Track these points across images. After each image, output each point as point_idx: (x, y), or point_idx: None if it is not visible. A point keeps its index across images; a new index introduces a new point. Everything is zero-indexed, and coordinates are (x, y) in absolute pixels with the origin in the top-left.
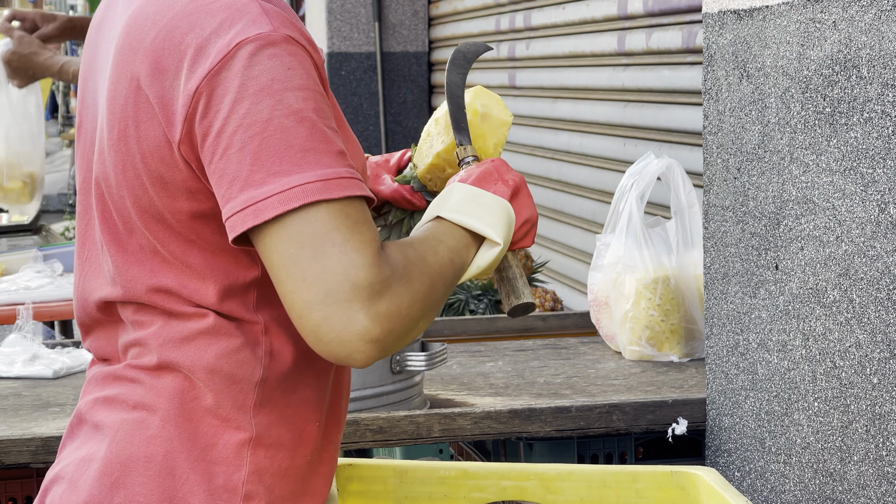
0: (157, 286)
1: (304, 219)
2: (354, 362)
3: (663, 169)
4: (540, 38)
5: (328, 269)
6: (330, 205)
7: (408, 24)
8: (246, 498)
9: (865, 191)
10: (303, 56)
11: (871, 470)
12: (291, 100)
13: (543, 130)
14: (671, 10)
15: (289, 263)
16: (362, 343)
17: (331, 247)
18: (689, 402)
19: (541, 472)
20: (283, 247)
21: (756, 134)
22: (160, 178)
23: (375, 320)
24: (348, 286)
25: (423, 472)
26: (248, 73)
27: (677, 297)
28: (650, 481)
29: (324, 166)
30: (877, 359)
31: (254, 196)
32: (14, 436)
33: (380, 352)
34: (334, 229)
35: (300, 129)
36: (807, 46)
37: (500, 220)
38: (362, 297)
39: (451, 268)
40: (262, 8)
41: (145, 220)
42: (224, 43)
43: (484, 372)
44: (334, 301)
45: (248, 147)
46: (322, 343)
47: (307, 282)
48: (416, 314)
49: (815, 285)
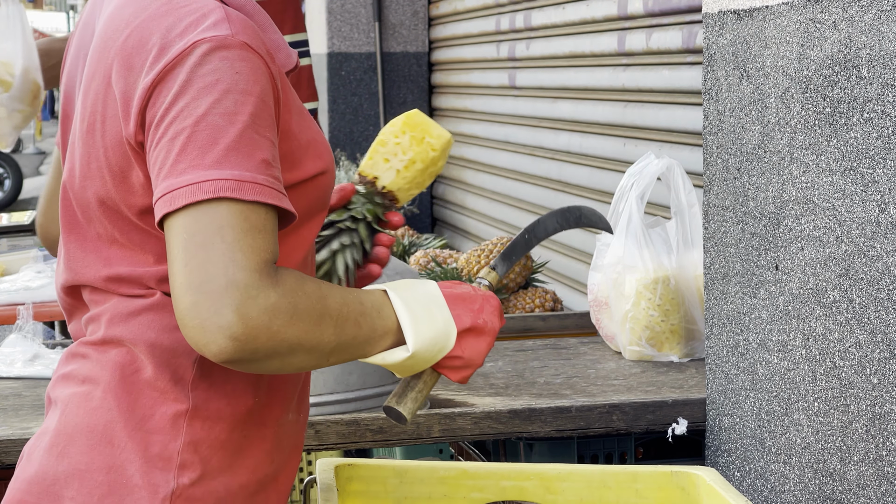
0: (111, 274)
1: (206, 211)
2: (209, 353)
3: (663, 169)
4: (540, 38)
5: (211, 260)
6: (234, 204)
7: (408, 24)
8: (181, 466)
9: (865, 191)
10: (256, 64)
11: (870, 470)
12: (230, 102)
13: (543, 130)
14: (671, 10)
15: (179, 247)
16: (221, 336)
17: (220, 242)
18: (689, 402)
19: (540, 472)
20: (181, 232)
21: (756, 134)
22: (120, 173)
23: (242, 320)
24: (224, 281)
25: (423, 473)
26: (197, 70)
27: (677, 297)
28: (650, 481)
29: (242, 169)
30: (877, 359)
31: (171, 184)
32: (14, 436)
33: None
34: (229, 227)
35: (230, 130)
36: (807, 46)
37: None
38: (235, 294)
39: (354, 328)
40: (227, 14)
41: (104, 210)
42: (183, 42)
43: (484, 372)
44: (207, 290)
45: (179, 138)
46: (185, 328)
47: (188, 267)
48: (289, 338)
49: (815, 285)
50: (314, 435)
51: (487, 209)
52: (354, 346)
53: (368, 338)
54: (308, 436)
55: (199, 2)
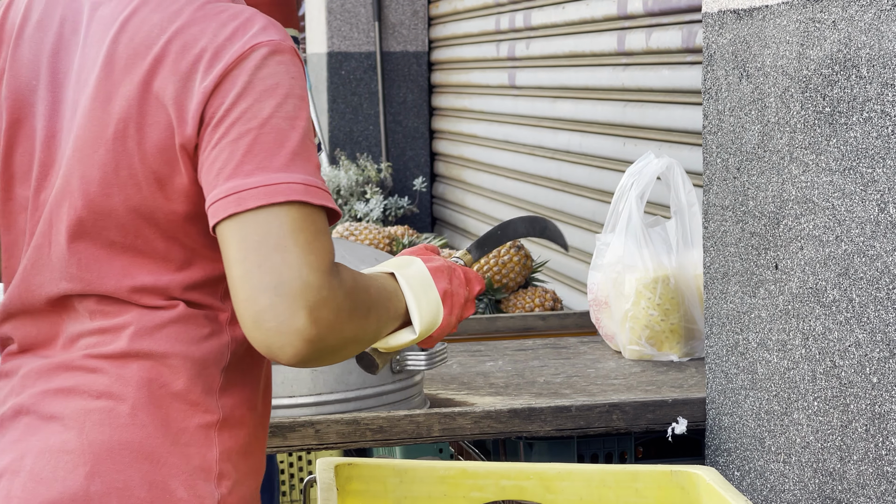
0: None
1: (277, 214)
2: (283, 356)
3: (663, 168)
4: (540, 37)
5: (286, 262)
6: (304, 208)
7: (408, 23)
8: (220, 476)
9: (865, 190)
10: (301, 70)
11: (870, 469)
12: (290, 106)
13: (543, 130)
14: (671, 9)
15: (249, 249)
16: (298, 339)
17: (293, 244)
18: (689, 401)
19: (540, 472)
20: (249, 234)
21: (756, 133)
22: (159, 180)
23: (315, 322)
24: (300, 283)
25: (423, 472)
26: (258, 73)
27: (677, 296)
28: (650, 481)
29: (307, 173)
30: (876, 358)
31: (240, 185)
32: None
33: (310, 354)
34: (300, 231)
35: (293, 134)
36: (806, 46)
37: (427, 319)
38: (309, 296)
39: (386, 313)
40: (269, 20)
41: (132, 218)
42: (239, 45)
43: (484, 371)
44: (284, 292)
45: (244, 139)
46: (260, 329)
47: (262, 268)
48: (349, 334)
49: (814, 285)
50: (314, 434)
51: (487, 208)
52: (385, 327)
53: (389, 322)
54: (308, 435)
55: (236, 7)
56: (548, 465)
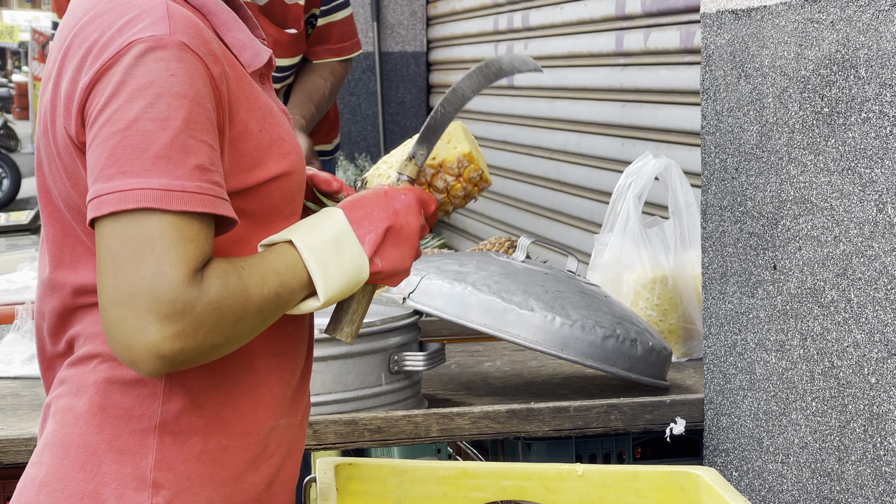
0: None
1: (134, 221)
2: (139, 370)
3: (661, 169)
4: (538, 37)
5: (139, 273)
6: (163, 215)
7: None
8: (154, 485)
9: (863, 191)
10: (193, 65)
11: (868, 469)
12: (163, 105)
13: (541, 130)
14: (669, 10)
15: (108, 257)
16: (148, 355)
17: (149, 253)
18: (687, 401)
19: (541, 472)
20: (109, 241)
21: (754, 134)
22: (71, 173)
23: (166, 338)
24: (150, 296)
25: (423, 472)
26: (131, 71)
27: (675, 296)
28: (650, 481)
29: (172, 177)
30: (875, 358)
31: (99, 189)
32: (12, 436)
33: (166, 367)
34: (158, 238)
35: (161, 136)
36: (805, 46)
37: (340, 281)
38: (160, 311)
39: (276, 301)
40: (168, 11)
41: (67, 210)
42: (120, 41)
43: (482, 372)
44: (133, 305)
45: (109, 142)
46: (112, 342)
47: (116, 279)
48: (215, 340)
49: (813, 285)
50: (312, 435)
51: (485, 208)
52: (275, 314)
53: (287, 301)
54: (306, 435)
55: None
56: (548, 466)
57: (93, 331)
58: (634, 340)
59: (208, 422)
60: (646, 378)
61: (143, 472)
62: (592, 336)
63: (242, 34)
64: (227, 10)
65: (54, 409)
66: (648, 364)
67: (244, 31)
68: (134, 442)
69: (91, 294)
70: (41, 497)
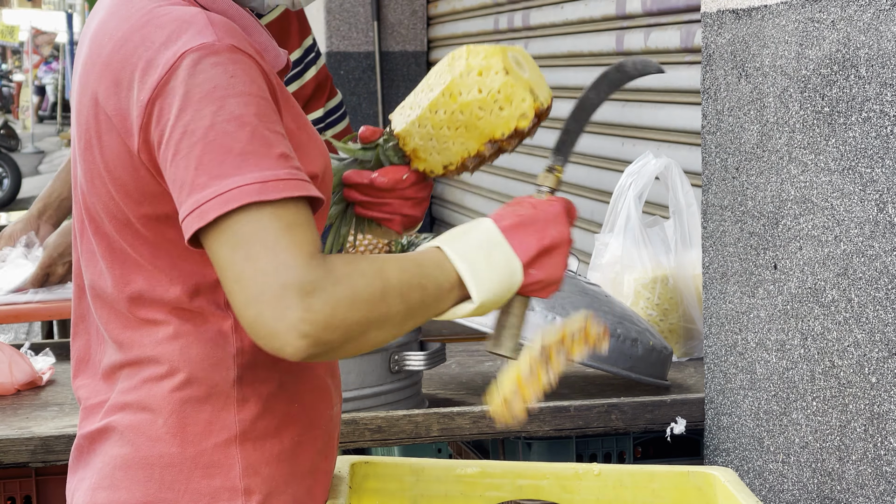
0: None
1: (239, 221)
2: (287, 354)
3: (661, 168)
4: (538, 37)
5: (259, 269)
6: (264, 207)
7: (406, 23)
8: (246, 492)
9: (864, 190)
10: (247, 64)
11: (869, 469)
12: (233, 105)
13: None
14: (669, 9)
15: (226, 265)
16: (291, 336)
17: (261, 248)
18: (688, 401)
19: (557, 471)
20: (221, 248)
21: (754, 133)
22: (124, 186)
23: (305, 317)
24: (278, 286)
25: (440, 471)
26: (192, 81)
27: (675, 296)
28: (666, 481)
29: (262, 168)
30: (875, 358)
31: (198, 199)
32: (13, 435)
33: (312, 347)
34: (265, 230)
35: (241, 134)
36: (805, 46)
37: (493, 283)
38: (292, 294)
39: (420, 291)
40: (209, 19)
41: (115, 225)
42: (170, 54)
43: (483, 371)
44: (265, 299)
45: (193, 153)
46: (258, 338)
47: (241, 283)
48: (358, 319)
49: (813, 285)
50: None
51: (486, 208)
52: (424, 308)
53: (437, 297)
54: None
55: (179, 9)
56: (565, 465)
57: (156, 351)
58: (635, 340)
59: (280, 422)
60: (646, 378)
61: (233, 482)
62: None
63: (263, 37)
64: (247, 14)
65: (120, 429)
66: (649, 364)
67: (264, 34)
68: (218, 455)
69: (147, 308)
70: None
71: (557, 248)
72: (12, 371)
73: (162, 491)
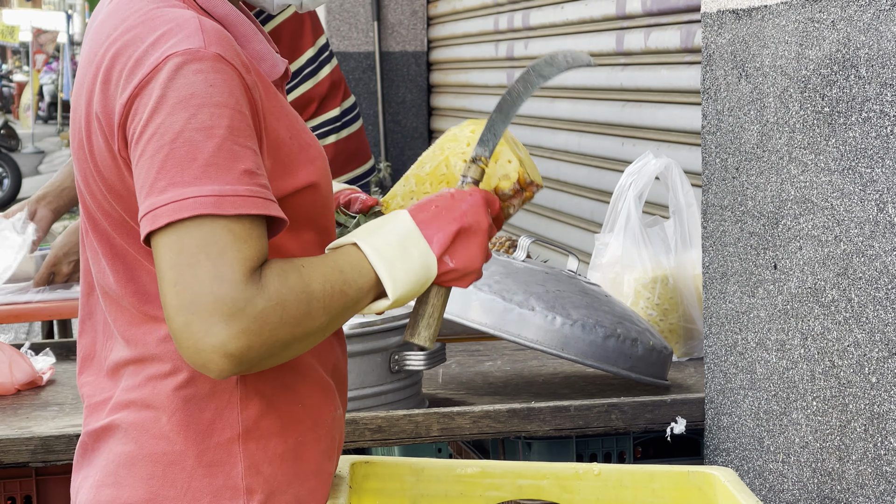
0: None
1: (189, 229)
2: (209, 372)
3: (661, 168)
4: (538, 37)
5: (198, 278)
6: (217, 220)
7: (406, 23)
8: (248, 491)
9: (864, 190)
10: (229, 75)
11: (869, 469)
12: (206, 115)
13: (542, 130)
14: (669, 9)
15: (167, 267)
16: (216, 355)
17: (205, 259)
18: (688, 401)
19: (557, 471)
20: (167, 251)
21: (754, 133)
22: (112, 186)
23: (232, 336)
24: (211, 298)
25: (440, 471)
26: (171, 84)
27: (676, 296)
28: (666, 481)
29: (222, 183)
30: (875, 358)
31: (154, 202)
32: (13, 435)
33: (236, 366)
34: (213, 243)
35: (207, 144)
36: (805, 46)
37: (408, 279)
38: (223, 311)
39: (342, 298)
40: (201, 25)
41: (111, 224)
42: (157, 55)
43: (483, 371)
44: (196, 310)
45: (158, 156)
46: (181, 348)
47: (177, 287)
48: (283, 337)
49: (813, 285)
50: None
51: None
52: (345, 313)
53: (357, 300)
54: None
55: (175, 12)
56: (565, 465)
57: (159, 349)
58: (635, 340)
59: (284, 421)
60: (646, 377)
61: (234, 481)
62: (593, 336)
63: (261, 45)
64: (247, 21)
65: (124, 426)
66: (649, 363)
67: (263, 42)
68: (221, 454)
69: (151, 304)
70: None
71: (473, 237)
72: (12, 371)
73: (164, 488)
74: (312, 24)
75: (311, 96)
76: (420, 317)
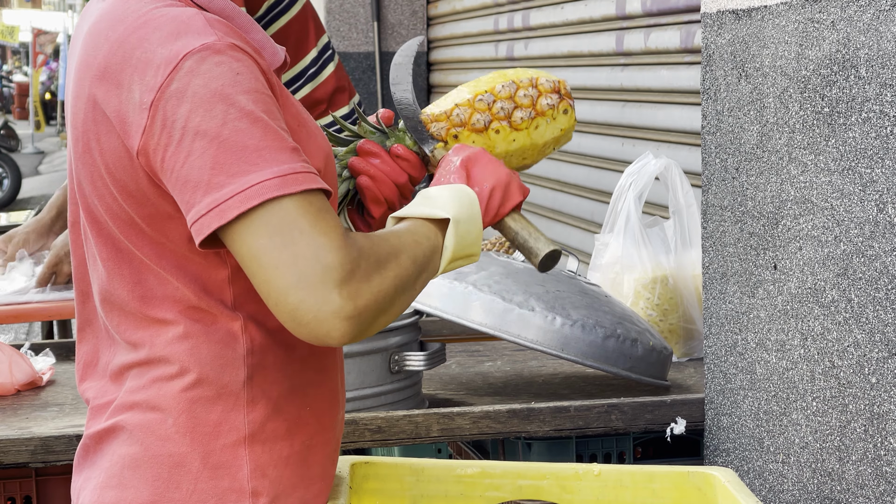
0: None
1: (268, 212)
2: (333, 340)
3: (661, 169)
4: (538, 37)
5: (299, 254)
6: (290, 199)
7: (406, 23)
8: (253, 494)
9: (864, 190)
10: (249, 62)
11: (869, 469)
12: (243, 102)
13: None
14: (669, 10)
15: (260, 254)
16: (338, 320)
17: (299, 234)
18: (688, 401)
19: (557, 472)
20: (252, 239)
21: (754, 134)
22: (125, 187)
23: (349, 298)
24: (319, 268)
25: (440, 471)
26: (197, 81)
27: (675, 296)
28: (666, 481)
29: (280, 163)
30: (875, 358)
31: (216, 198)
32: (13, 435)
33: (356, 328)
34: (299, 217)
35: (254, 130)
36: (805, 46)
37: (448, 202)
38: (334, 277)
39: (419, 248)
40: (207, 19)
41: (119, 226)
42: (171, 55)
43: (482, 371)
44: (308, 284)
45: (208, 153)
46: (301, 325)
47: (280, 269)
48: (389, 291)
49: (813, 285)
50: None
51: None
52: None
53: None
54: None
55: (176, 11)
56: (565, 465)
57: (167, 351)
58: (635, 340)
59: (291, 425)
60: (646, 378)
61: (240, 483)
62: (593, 336)
63: (260, 35)
64: (243, 13)
65: (129, 428)
66: (649, 364)
67: (261, 31)
68: (227, 456)
69: (157, 307)
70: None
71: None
72: (12, 371)
73: (170, 491)
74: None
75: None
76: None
